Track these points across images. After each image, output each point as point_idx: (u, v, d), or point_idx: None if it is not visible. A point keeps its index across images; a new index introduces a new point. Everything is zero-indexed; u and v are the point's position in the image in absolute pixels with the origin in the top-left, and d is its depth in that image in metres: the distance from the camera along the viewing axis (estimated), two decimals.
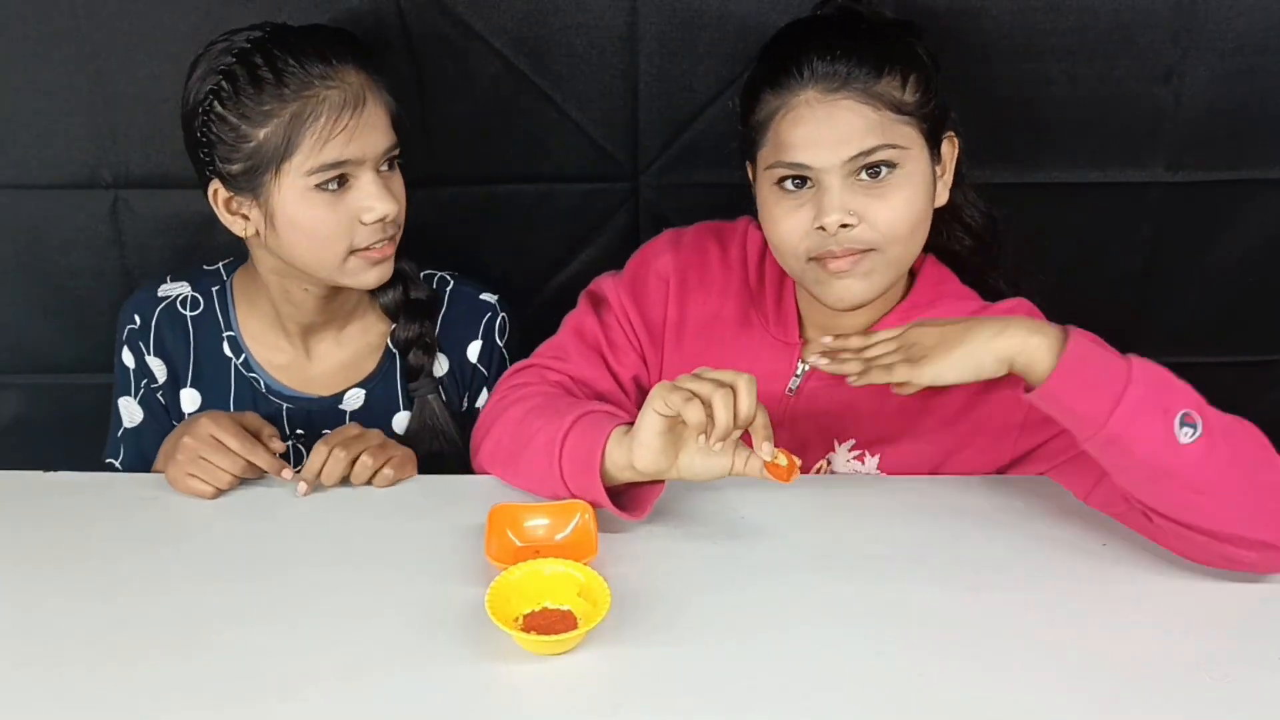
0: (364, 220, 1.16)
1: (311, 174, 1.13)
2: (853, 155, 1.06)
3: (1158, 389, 0.95)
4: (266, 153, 1.13)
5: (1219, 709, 0.86)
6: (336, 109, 1.12)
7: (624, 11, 1.35)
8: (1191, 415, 0.94)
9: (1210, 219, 1.45)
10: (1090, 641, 0.92)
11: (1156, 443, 0.94)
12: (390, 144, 1.17)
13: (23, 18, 1.34)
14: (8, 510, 1.11)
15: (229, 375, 1.31)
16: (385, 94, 1.18)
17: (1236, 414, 1.03)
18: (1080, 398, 0.96)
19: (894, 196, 1.07)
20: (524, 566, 0.95)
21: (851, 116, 1.06)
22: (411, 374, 1.31)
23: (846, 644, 0.92)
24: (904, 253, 1.11)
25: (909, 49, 1.10)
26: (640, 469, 1.02)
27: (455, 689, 0.87)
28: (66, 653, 0.91)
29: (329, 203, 1.14)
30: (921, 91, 1.08)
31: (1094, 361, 0.96)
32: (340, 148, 1.12)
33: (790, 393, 1.20)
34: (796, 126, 1.07)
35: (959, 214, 1.20)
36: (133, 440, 1.33)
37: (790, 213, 1.09)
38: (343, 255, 1.17)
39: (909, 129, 1.07)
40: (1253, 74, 1.36)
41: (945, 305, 1.17)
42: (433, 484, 1.17)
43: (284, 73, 1.12)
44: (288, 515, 1.11)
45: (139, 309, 1.31)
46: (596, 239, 1.48)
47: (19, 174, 1.41)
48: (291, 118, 1.11)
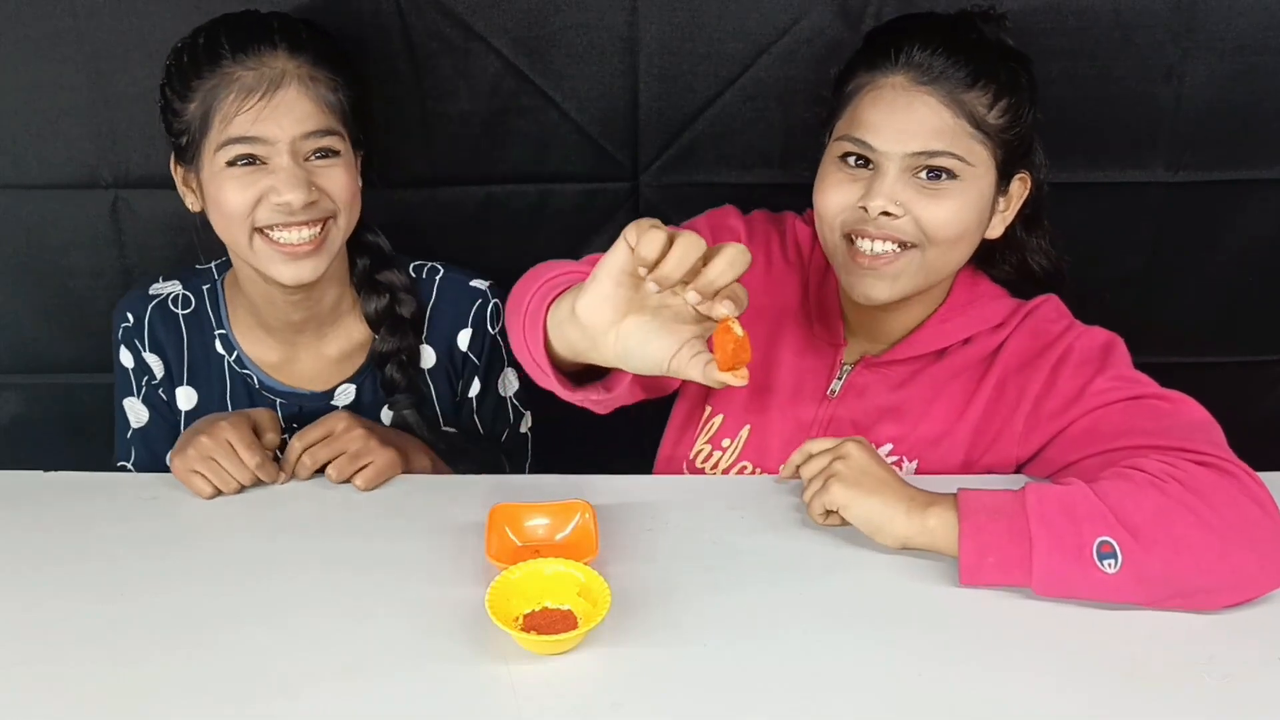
0: (270, 199, 1.16)
1: (219, 149, 1.15)
2: (916, 151, 1.06)
3: (1060, 536, 0.94)
4: (194, 128, 1.16)
5: (1219, 709, 0.86)
6: (248, 87, 1.14)
7: (624, 11, 1.36)
8: (1108, 543, 0.93)
9: (1210, 219, 1.45)
10: (1090, 641, 0.92)
11: (1088, 584, 0.93)
12: (312, 130, 1.17)
13: (23, 18, 1.34)
14: (8, 510, 1.11)
15: (223, 372, 1.31)
16: (322, 86, 1.18)
17: (1236, 414, 1.03)
18: (997, 578, 0.96)
19: (945, 201, 1.07)
20: (524, 566, 0.95)
21: (928, 113, 1.06)
22: (388, 387, 1.31)
23: (846, 644, 0.92)
24: (938, 259, 1.10)
25: (1013, 74, 1.09)
26: (579, 311, 0.87)
27: (455, 689, 0.87)
28: (67, 653, 0.91)
29: (238, 179, 1.16)
30: (1008, 117, 1.08)
31: (992, 547, 0.95)
32: (245, 125, 1.14)
33: (831, 394, 1.20)
34: (875, 106, 1.08)
35: (1021, 253, 1.20)
36: (141, 440, 1.34)
37: (841, 184, 1.10)
38: (249, 234, 1.18)
39: (980, 147, 1.07)
40: (1253, 74, 1.36)
41: (983, 304, 1.17)
42: (433, 484, 1.17)
43: (215, 53, 1.15)
44: (288, 515, 1.11)
45: (131, 308, 1.31)
46: (596, 239, 1.48)
47: (19, 174, 1.41)
48: (206, 93, 1.15)
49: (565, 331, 0.91)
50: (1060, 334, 1.14)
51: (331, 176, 1.19)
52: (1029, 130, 1.12)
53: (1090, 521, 0.94)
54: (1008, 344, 1.15)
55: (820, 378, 1.20)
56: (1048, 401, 1.11)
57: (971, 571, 0.96)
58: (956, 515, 0.97)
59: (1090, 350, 1.12)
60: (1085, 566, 0.93)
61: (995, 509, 0.97)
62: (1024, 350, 1.14)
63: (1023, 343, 1.15)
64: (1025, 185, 1.14)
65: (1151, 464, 0.98)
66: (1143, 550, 0.93)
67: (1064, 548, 0.93)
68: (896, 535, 0.98)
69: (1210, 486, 0.96)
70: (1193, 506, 0.94)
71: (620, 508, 1.09)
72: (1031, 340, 1.14)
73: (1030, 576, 0.94)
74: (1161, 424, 1.04)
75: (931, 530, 0.97)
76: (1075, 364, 1.11)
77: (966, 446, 1.16)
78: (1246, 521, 0.95)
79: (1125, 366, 1.11)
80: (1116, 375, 1.09)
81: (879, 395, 1.17)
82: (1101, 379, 1.09)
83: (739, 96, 1.40)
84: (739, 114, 1.41)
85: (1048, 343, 1.13)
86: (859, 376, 1.19)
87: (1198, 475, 0.97)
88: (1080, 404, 1.09)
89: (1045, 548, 0.93)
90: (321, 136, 1.17)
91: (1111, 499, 0.95)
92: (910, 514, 0.98)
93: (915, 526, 0.98)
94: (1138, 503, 0.95)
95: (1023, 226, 1.18)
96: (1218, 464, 0.98)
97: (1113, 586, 0.93)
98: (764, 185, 1.44)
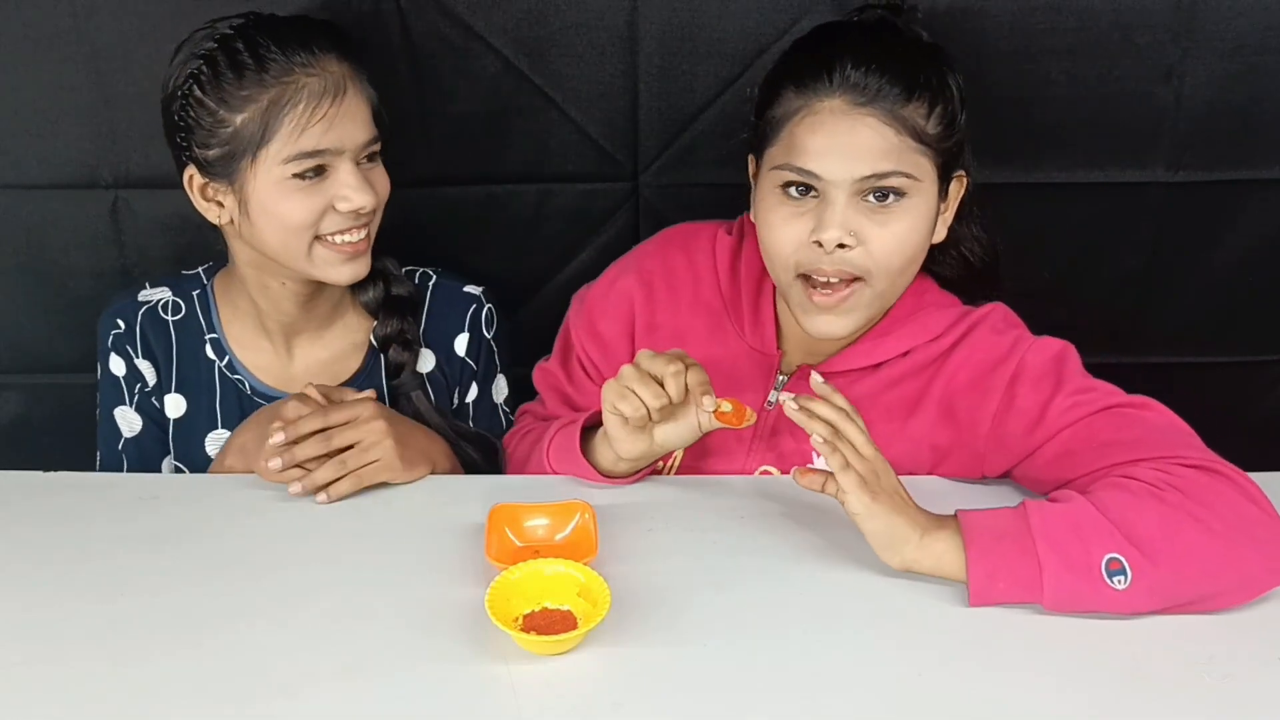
0: (338, 208, 1.15)
1: (288, 162, 1.12)
2: (866, 175, 1.03)
3: (1068, 556, 0.93)
4: (243, 139, 1.12)
5: (1219, 709, 0.86)
6: (316, 97, 1.11)
7: (624, 11, 1.35)
8: (1116, 560, 0.92)
9: (1210, 219, 1.45)
10: (1090, 641, 0.92)
11: (1099, 601, 0.93)
12: (370, 137, 1.17)
13: (23, 18, 1.34)
14: (8, 510, 1.11)
15: (213, 378, 1.30)
16: (367, 86, 1.17)
17: (1236, 414, 1.03)
18: (1007, 600, 0.95)
19: (896, 224, 1.04)
20: (524, 566, 0.95)
21: (872, 135, 1.02)
22: (393, 371, 1.30)
23: (846, 644, 0.92)
24: (890, 288, 1.09)
25: (941, 77, 1.06)
26: (627, 459, 1.10)
27: (455, 689, 0.87)
28: (66, 652, 0.91)
29: (304, 191, 1.14)
30: (944, 125, 1.05)
31: (1001, 570, 0.94)
32: (318, 136, 1.12)
33: (770, 405, 1.18)
34: (815, 133, 1.04)
35: (957, 246, 1.17)
36: (135, 450, 1.32)
37: (788, 220, 1.06)
38: (309, 243, 1.17)
39: (924, 160, 1.04)
40: (1253, 74, 1.36)
41: (926, 315, 1.14)
42: (433, 484, 1.17)
43: (265, 59, 1.11)
44: (288, 515, 1.11)
45: (121, 314, 1.30)
46: (596, 239, 1.48)
47: (19, 174, 1.41)
48: (270, 104, 1.11)
49: (622, 467, 1.13)
50: (1010, 348, 1.10)
51: (379, 176, 1.20)
52: (963, 131, 1.08)
53: (1097, 539, 0.93)
54: (953, 355, 1.13)
55: (757, 390, 1.18)
56: (1009, 421, 1.09)
57: (981, 594, 0.95)
58: (961, 539, 0.96)
59: (1044, 364, 1.09)
60: (1095, 584, 0.92)
61: (1000, 531, 0.95)
62: (973, 363, 1.12)
63: (970, 354, 1.12)
64: (962, 184, 1.12)
65: (1146, 472, 0.97)
66: (1151, 565, 0.92)
67: (1073, 568, 0.93)
68: (905, 559, 0.97)
69: (1207, 490, 0.96)
70: (1194, 513, 0.94)
71: (620, 508, 1.09)
72: (981, 352, 1.12)
73: (1041, 596, 0.93)
74: (1136, 433, 1.03)
75: (939, 555, 0.96)
76: (1032, 380, 1.08)
77: (910, 458, 1.13)
78: (1246, 521, 0.95)
79: (1082, 376, 1.09)
80: (1076, 389, 1.07)
81: None
82: (1061, 396, 1.06)
83: (739, 96, 1.39)
84: (739, 114, 1.40)
85: (999, 358, 1.10)
86: (796, 388, 1.15)
87: (1193, 480, 0.96)
88: (1045, 425, 1.07)
89: (1055, 569, 0.93)
90: (373, 141, 1.18)
91: (1114, 513, 0.94)
92: (921, 542, 0.96)
93: (924, 552, 0.96)
94: (1141, 515, 0.94)
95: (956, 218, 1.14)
96: (1208, 466, 0.98)
97: (1123, 601, 0.93)
98: None
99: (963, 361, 1.12)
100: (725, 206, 1.28)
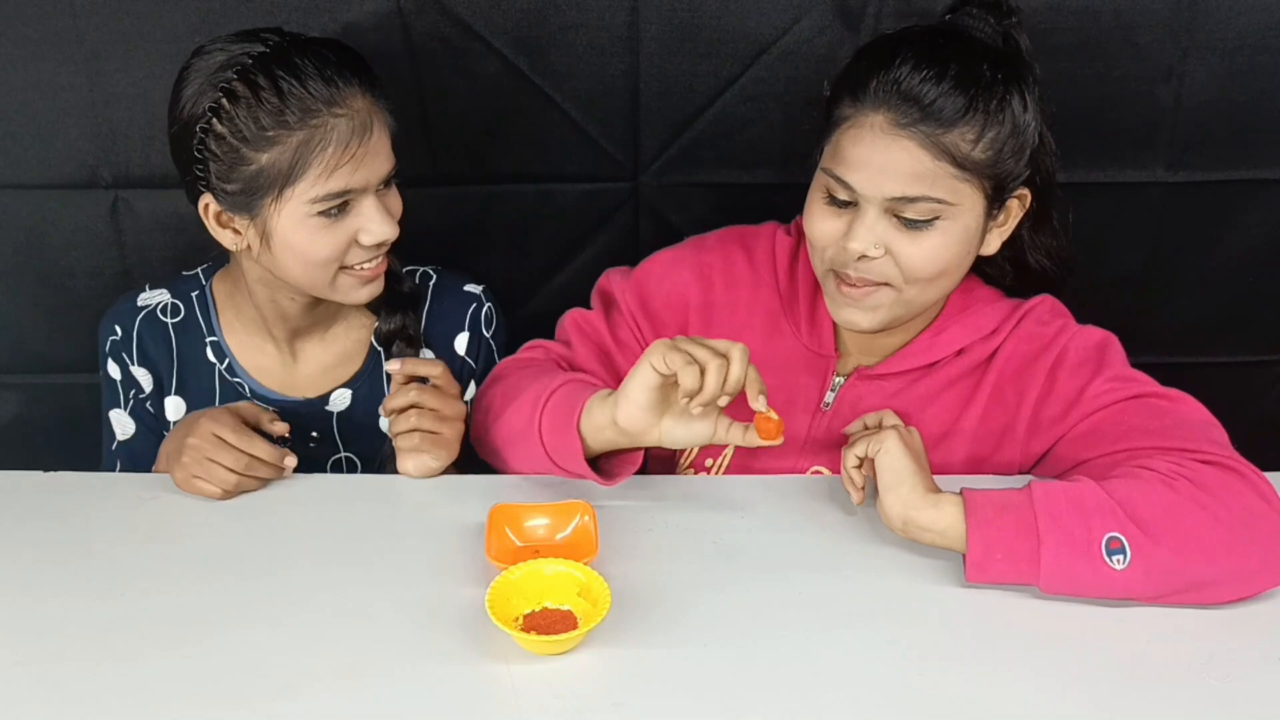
0: (362, 243, 1.15)
1: (315, 202, 1.10)
2: (896, 196, 1.03)
3: (1069, 531, 0.94)
4: (268, 177, 1.09)
5: (1219, 709, 0.86)
6: (345, 139, 1.09)
7: (624, 11, 1.36)
8: (1116, 539, 0.93)
9: (1210, 219, 1.45)
10: (1091, 640, 0.92)
11: (1096, 580, 0.93)
12: (391, 167, 1.16)
13: (22, 18, 1.34)
14: (8, 510, 1.11)
15: (213, 381, 1.30)
16: (388, 116, 1.15)
17: (1236, 414, 1.03)
18: (1003, 575, 0.96)
19: (926, 241, 1.05)
20: (524, 566, 0.95)
21: (906, 158, 1.02)
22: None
23: (846, 644, 0.92)
24: (919, 295, 1.09)
25: (1003, 99, 1.03)
26: (622, 424, 1.01)
27: (455, 689, 0.87)
28: (66, 652, 0.91)
29: (328, 227, 1.13)
30: (995, 150, 1.03)
31: (1000, 542, 0.95)
32: (346, 177, 1.10)
33: (825, 407, 1.19)
34: (856, 145, 1.04)
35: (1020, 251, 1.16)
36: (127, 453, 1.32)
37: (827, 218, 1.08)
38: (333, 274, 1.16)
39: (965, 185, 1.03)
40: (1253, 74, 1.36)
41: (977, 311, 1.16)
42: (433, 484, 1.17)
43: (289, 96, 1.07)
44: (288, 515, 1.11)
45: (119, 320, 1.29)
46: (596, 239, 1.48)
47: (19, 174, 1.41)
48: (299, 145, 1.08)
49: (605, 435, 1.04)
50: (1055, 335, 1.13)
51: (394, 199, 1.18)
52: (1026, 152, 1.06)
53: (1099, 516, 0.94)
54: (1003, 348, 1.15)
55: (813, 391, 1.19)
56: (1047, 406, 1.11)
57: (978, 568, 0.95)
58: (964, 512, 0.97)
59: (1086, 350, 1.11)
60: (1094, 563, 0.93)
61: (1002, 505, 0.96)
62: (1020, 354, 1.14)
63: (1018, 346, 1.14)
64: (1024, 202, 1.10)
65: (1159, 463, 0.99)
66: (1152, 543, 0.93)
67: (1072, 543, 0.93)
68: (907, 501, 0.98)
69: (1218, 483, 0.97)
70: (1202, 502, 0.95)
71: (620, 508, 1.09)
72: (1027, 343, 1.14)
73: (1038, 573, 0.94)
74: (1163, 423, 1.04)
75: (940, 517, 0.97)
76: (1072, 366, 1.11)
77: (965, 452, 1.16)
78: (1252, 514, 0.95)
79: (1122, 365, 1.11)
80: (1114, 376, 1.09)
81: (874, 406, 1.15)
82: (1099, 380, 1.09)
83: (739, 96, 1.40)
84: (739, 114, 1.41)
85: (1043, 345, 1.13)
86: (852, 389, 1.18)
87: (1205, 473, 0.97)
88: (1080, 407, 1.09)
89: (1054, 543, 0.93)
90: (393, 170, 1.16)
91: (1119, 494, 0.95)
92: (927, 496, 0.98)
93: (928, 504, 0.97)
94: (1146, 498, 0.95)
95: (1029, 227, 1.14)
96: (1224, 462, 0.99)
97: (1120, 583, 0.93)
98: (764, 185, 1.44)
99: (1012, 352, 1.14)
100: (725, 206, 1.28)
